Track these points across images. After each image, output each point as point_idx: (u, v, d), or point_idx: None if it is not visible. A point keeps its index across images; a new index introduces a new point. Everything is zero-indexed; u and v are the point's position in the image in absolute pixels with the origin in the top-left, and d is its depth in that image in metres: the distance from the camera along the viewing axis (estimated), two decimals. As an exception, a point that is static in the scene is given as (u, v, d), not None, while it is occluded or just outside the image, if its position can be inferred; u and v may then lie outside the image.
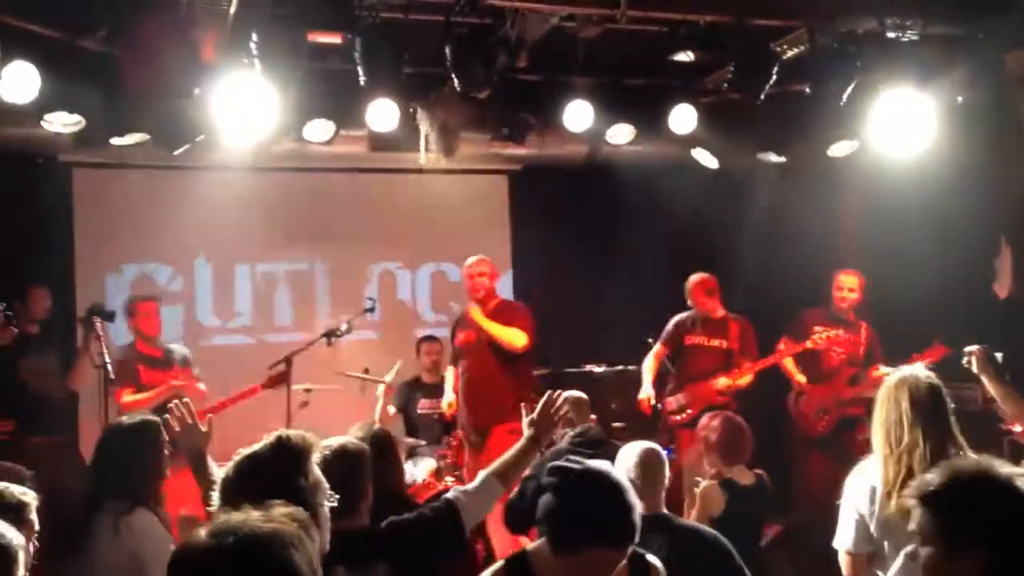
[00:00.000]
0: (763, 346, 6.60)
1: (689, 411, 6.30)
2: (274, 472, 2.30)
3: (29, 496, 3.03)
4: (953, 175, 6.06)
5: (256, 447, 2.37)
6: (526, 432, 3.24)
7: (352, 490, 3.01)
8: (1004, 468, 1.96)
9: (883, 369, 6.36)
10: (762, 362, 6.41)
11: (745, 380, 6.33)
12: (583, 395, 5.17)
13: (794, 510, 6.33)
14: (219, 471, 3.41)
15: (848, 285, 6.52)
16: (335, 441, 3.19)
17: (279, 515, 1.75)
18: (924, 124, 5.77)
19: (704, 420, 4.74)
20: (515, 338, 6.10)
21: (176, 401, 3.24)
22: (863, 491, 3.18)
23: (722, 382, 6.28)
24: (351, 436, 3.70)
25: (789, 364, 6.61)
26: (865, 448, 6.44)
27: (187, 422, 3.18)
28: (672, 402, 6.47)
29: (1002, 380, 3.69)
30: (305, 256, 7.79)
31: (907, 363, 6.05)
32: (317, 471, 2.37)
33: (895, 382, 3.18)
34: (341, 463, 3.04)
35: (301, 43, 4.93)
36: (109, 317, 5.89)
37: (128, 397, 5.74)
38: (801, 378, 6.54)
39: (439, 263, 8.11)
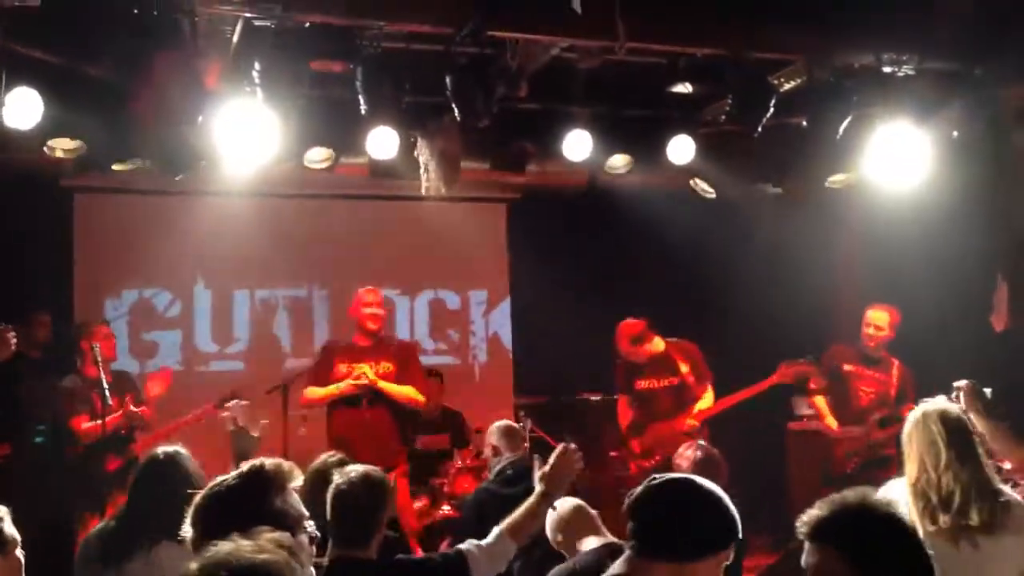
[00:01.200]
0: (760, 373, 6.55)
1: (657, 457, 6.11)
2: (246, 501, 2.27)
3: None
4: (949, 209, 6.10)
5: (230, 475, 2.35)
6: (538, 487, 3.17)
7: (367, 519, 3.00)
8: (877, 496, 2.08)
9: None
10: (734, 398, 6.23)
11: (707, 407, 6.22)
12: (513, 424, 5.19)
13: (791, 541, 6.29)
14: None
15: (876, 322, 6.27)
16: (359, 468, 3.18)
17: (266, 541, 1.74)
18: (920, 158, 5.81)
19: (681, 448, 4.73)
20: (415, 397, 5.96)
21: (234, 400, 3.23)
22: None
23: (688, 423, 6.16)
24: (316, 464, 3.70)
25: (821, 404, 6.43)
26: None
27: (239, 425, 3.16)
28: (637, 445, 6.35)
29: (990, 416, 3.71)
30: (304, 282, 7.81)
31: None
32: (295, 499, 2.34)
33: (923, 413, 3.43)
34: (361, 491, 3.03)
35: (303, 72, 4.99)
36: None
37: (86, 424, 5.62)
38: (832, 422, 6.34)
39: (437, 291, 8.14)
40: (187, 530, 2.24)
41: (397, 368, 6.00)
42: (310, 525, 2.33)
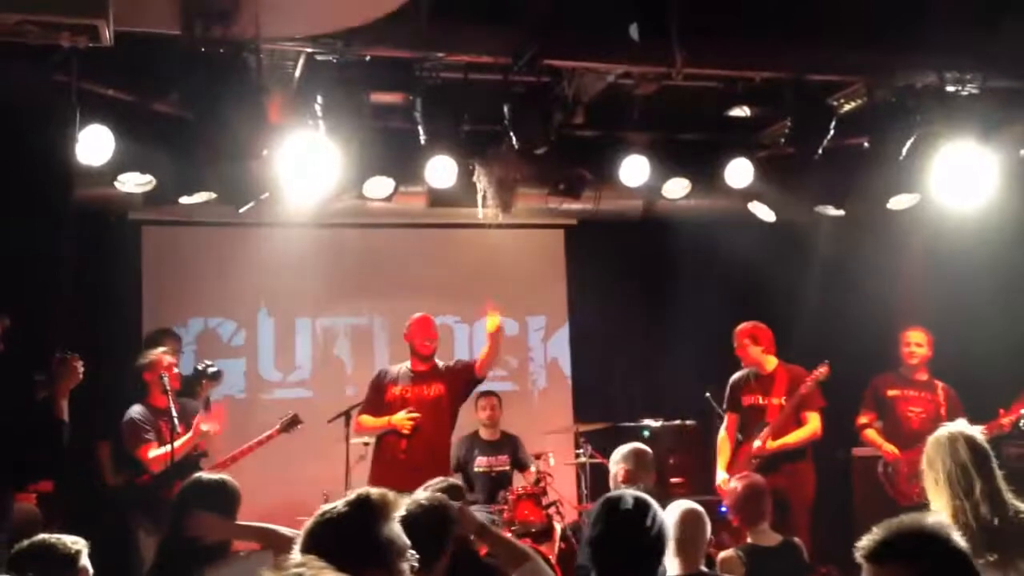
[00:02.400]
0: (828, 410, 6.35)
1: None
2: (354, 529, 2.31)
3: (80, 544, 3.13)
4: (1014, 229, 5.97)
5: (338, 503, 2.39)
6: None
7: (431, 547, 3.02)
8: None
9: None
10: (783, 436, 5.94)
11: (780, 443, 5.96)
12: (643, 447, 4.99)
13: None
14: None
15: (915, 340, 6.27)
16: (421, 495, 3.22)
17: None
18: (986, 177, 5.70)
19: (732, 480, 4.69)
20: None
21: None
22: None
23: (755, 445, 5.95)
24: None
25: (873, 436, 6.31)
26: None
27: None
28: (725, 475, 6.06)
29: None
30: (365, 310, 7.89)
31: (994, 420, 5.94)
32: (397, 530, 2.37)
33: (948, 435, 3.30)
34: (426, 518, 3.05)
35: (363, 104, 5.09)
36: (215, 377, 6.06)
37: (154, 452, 5.59)
38: (890, 448, 6.21)
39: (496, 317, 8.15)
40: (296, 555, 2.27)
41: (448, 389, 6.10)
42: (412, 555, 2.37)
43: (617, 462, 4.83)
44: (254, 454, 5.94)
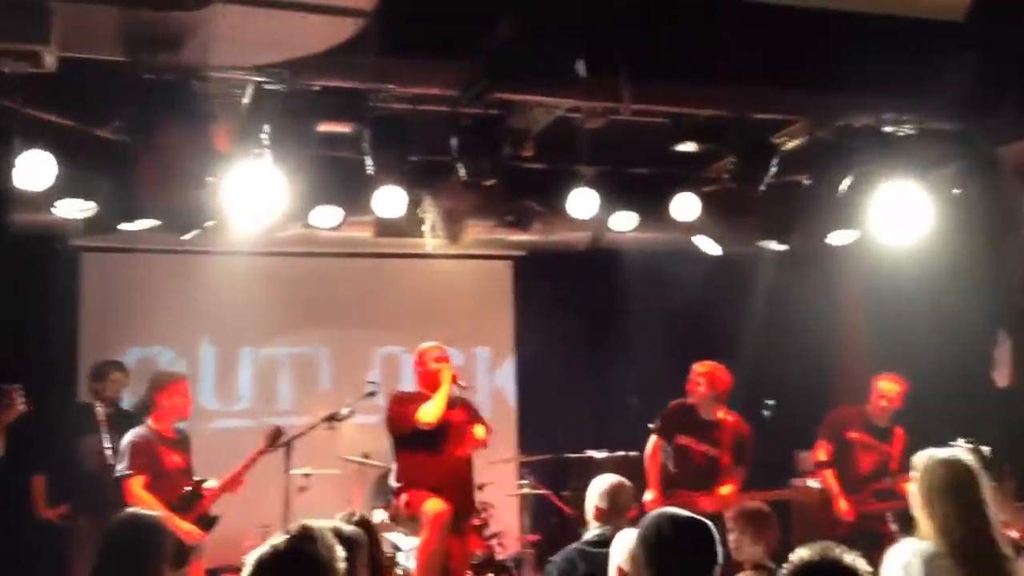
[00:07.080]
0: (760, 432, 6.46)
1: None
2: (305, 559, 2.39)
3: None
4: (951, 265, 6.13)
5: (280, 536, 2.44)
6: None
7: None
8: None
9: None
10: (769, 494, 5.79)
11: (728, 495, 5.90)
12: (620, 483, 4.47)
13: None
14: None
15: (888, 394, 6.26)
16: (327, 524, 3.18)
17: None
18: (922, 215, 5.85)
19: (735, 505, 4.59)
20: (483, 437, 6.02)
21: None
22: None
23: (708, 502, 5.75)
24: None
25: (832, 483, 6.24)
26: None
27: None
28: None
29: (989, 476, 3.64)
30: (309, 340, 7.83)
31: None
32: (341, 554, 2.47)
33: (938, 460, 3.24)
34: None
35: (311, 133, 5.06)
36: None
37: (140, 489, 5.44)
38: (845, 506, 6.16)
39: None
40: None
41: (469, 416, 6.06)
42: None
43: (592, 497, 4.48)
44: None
